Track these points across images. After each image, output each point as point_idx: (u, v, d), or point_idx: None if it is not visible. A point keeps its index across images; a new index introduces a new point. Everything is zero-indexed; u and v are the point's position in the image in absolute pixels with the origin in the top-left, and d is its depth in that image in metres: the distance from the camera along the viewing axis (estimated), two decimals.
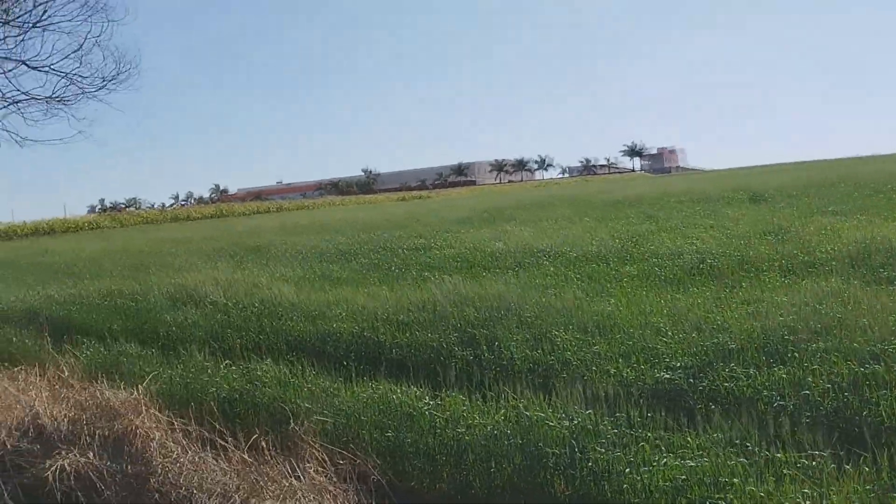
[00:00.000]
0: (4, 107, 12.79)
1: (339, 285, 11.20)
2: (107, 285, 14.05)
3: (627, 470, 4.35)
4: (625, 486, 4.28)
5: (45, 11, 11.70)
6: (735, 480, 4.05)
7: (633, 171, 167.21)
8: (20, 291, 14.87)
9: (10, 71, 12.39)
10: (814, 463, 4.17)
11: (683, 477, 4.18)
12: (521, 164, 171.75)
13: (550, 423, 5.00)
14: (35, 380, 7.87)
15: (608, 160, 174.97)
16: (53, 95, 12.61)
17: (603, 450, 4.58)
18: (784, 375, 5.40)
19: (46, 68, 12.16)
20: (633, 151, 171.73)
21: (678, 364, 5.97)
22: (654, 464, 4.35)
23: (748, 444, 4.45)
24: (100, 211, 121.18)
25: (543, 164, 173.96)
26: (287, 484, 4.52)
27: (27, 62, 12.15)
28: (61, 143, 13.65)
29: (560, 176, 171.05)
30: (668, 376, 5.80)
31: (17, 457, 5.95)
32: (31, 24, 11.81)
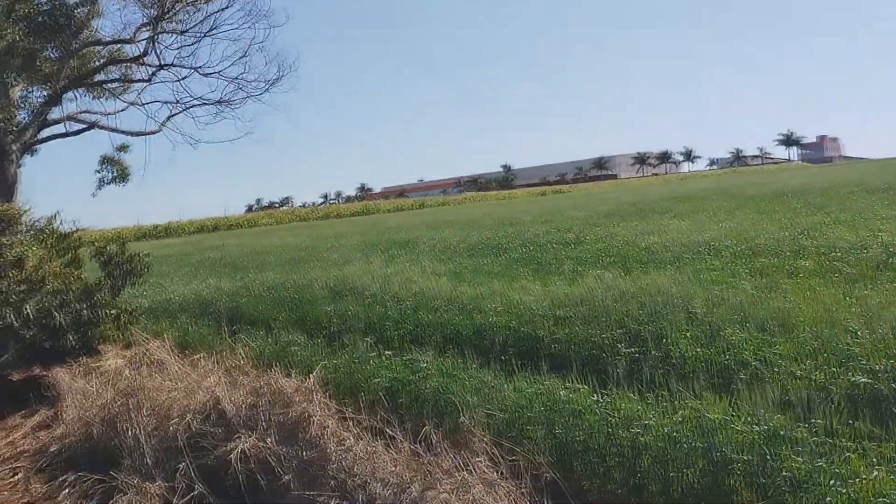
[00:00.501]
0: (179, 111, 13.74)
1: (491, 279, 11.14)
2: (270, 278, 14.82)
3: (832, 482, 3.95)
4: (828, 499, 3.89)
5: (215, 20, 12.48)
6: None
7: (789, 161, 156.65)
8: (193, 284, 16.01)
9: (183, 78, 13.31)
10: None
11: None
12: (664, 157, 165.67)
13: (736, 428, 4.64)
14: (213, 366, 8.40)
15: (761, 150, 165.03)
16: (222, 99, 13.41)
17: (801, 459, 4.18)
18: None
19: (216, 74, 12.97)
20: (789, 141, 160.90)
21: (878, 367, 5.39)
22: (865, 476, 3.92)
23: None
24: (256, 209, 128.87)
25: (689, 156, 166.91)
26: (460, 477, 4.47)
27: (199, 69, 13.00)
28: (230, 143, 14.48)
29: (708, 168, 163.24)
30: (865, 380, 5.25)
31: (201, 439, 6.33)
32: (202, 34, 12.64)
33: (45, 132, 12.31)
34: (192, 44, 12.43)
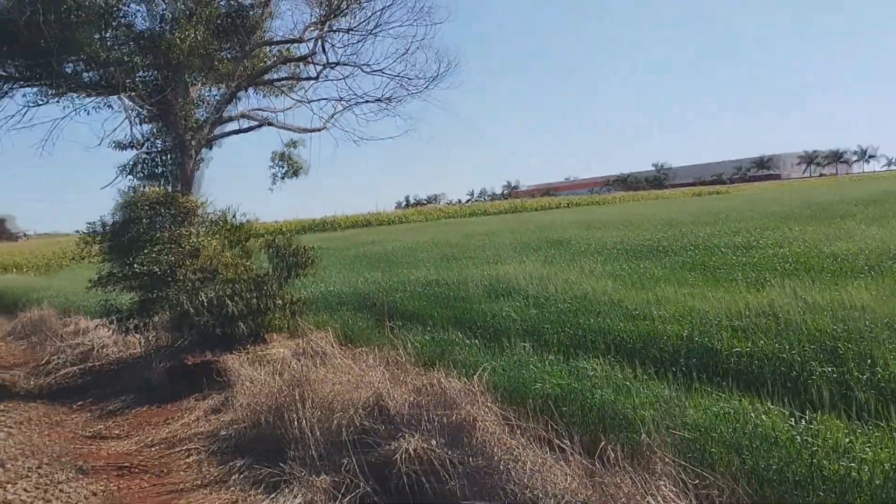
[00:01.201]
0: (343, 109, 14.07)
1: (656, 284, 10.50)
2: (424, 275, 14.89)
3: None
4: None
5: (380, 17, 12.65)
6: None
7: None
8: (351, 277, 16.42)
9: (347, 76, 13.61)
10: None
11: None
12: (835, 156, 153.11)
13: None
14: (374, 361, 8.43)
15: None
16: (384, 97, 13.58)
17: None
18: None
19: (380, 72, 13.14)
20: None
21: None
22: None
23: None
24: (405, 206, 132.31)
25: (864, 155, 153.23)
26: (644, 502, 4.07)
27: (363, 67, 13.24)
28: (386, 140, 14.69)
29: (886, 168, 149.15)
30: None
31: (364, 435, 6.30)
32: (368, 32, 12.84)
33: (222, 129, 12.97)
34: (358, 42, 12.67)
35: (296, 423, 6.90)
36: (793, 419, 5.12)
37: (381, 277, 16.01)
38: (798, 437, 4.81)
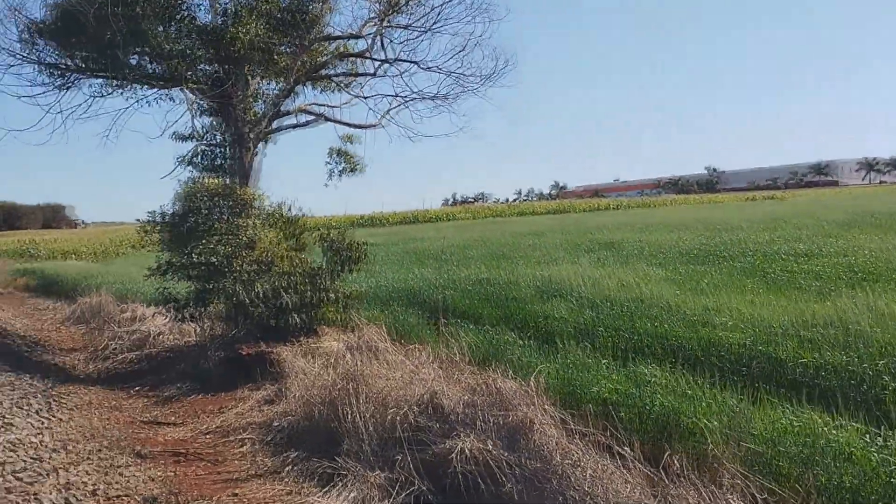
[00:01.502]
0: (399, 105, 14.08)
1: (716, 290, 10.24)
2: (474, 272, 14.83)
3: None
4: None
5: (438, 13, 12.60)
6: None
7: None
8: (400, 273, 16.44)
9: (404, 73, 13.60)
10: None
11: None
12: None
13: None
14: (426, 358, 8.40)
15: None
16: (439, 94, 13.53)
17: None
18: None
19: (436, 68, 13.10)
20: None
21: None
22: None
23: None
24: (452, 204, 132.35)
25: None
26: None
27: (419, 63, 13.21)
28: (446, 137, 14.64)
29: None
30: None
31: (418, 432, 6.27)
32: (426, 29, 12.81)
33: (280, 123, 13.10)
34: (416, 38, 12.64)
35: (350, 416, 6.89)
36: (867, 435, 4.91)
37: (431, 274, 16.00)
38: (875, 454, 4.61)
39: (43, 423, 7.32)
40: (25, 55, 11.82)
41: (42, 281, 27.49)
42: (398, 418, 6.49)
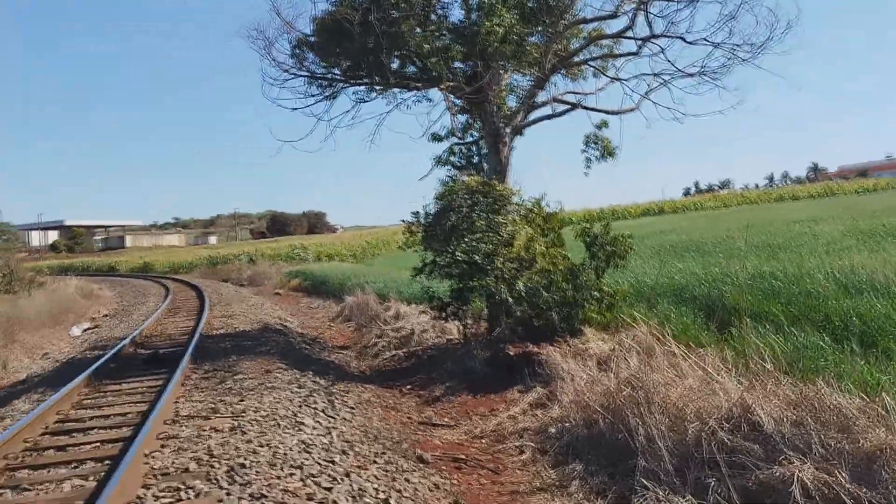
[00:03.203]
0: (658, 85, 13.02)
1: None
2: (749, 265, 13.30)
3: None
4: None
5: None
6: None
7: None
8: (658, 268, 15.27)
9: (663, 50, 12.49)
10: None
11: None
12: None
13: None
14: (717, 364, 7.40)
15: None
16: (705, 69, 12.25)
17: None
18: None
19: (702, 41, 11.84)
20: None
21: None
22: None
23: None
24: (694, 193, 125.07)
25: None
26: None
27: (683, 37, 12.04)
28: (721, 115, 13.31)
29: None
30: None
31: (730, 453, 5.37)
32: None
33: (533, 115, 12.70)
34: (677, 10, 11.50)
35: (640, 429, 6.18)
36: None
37: (696, 268, 14.68)
38: None
39: (329, 422, 7.48)
40: (297, 69, 12.60)
41: (311, 282, 29.98)
42: (703, 435, 5.64)
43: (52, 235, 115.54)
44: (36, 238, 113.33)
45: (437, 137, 13.31)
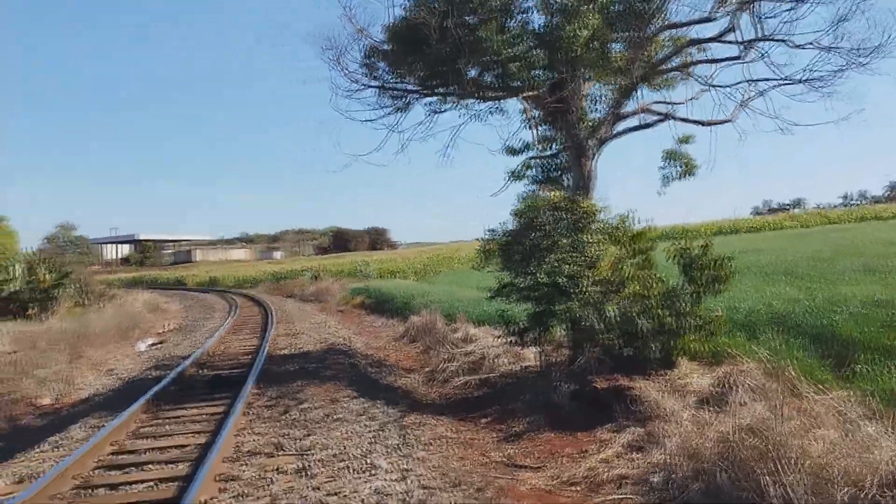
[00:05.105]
0: (755, 94, 11.98)
1: None
2: (858, 291, 12.07)
3: None
4: None
5: None
6: None
7: None
8: (762, 292, 14.07)
9: (764, 55, 11.44)
10: None
11: None
12: None
13: None
14: (858, 410, 6.36)
15: None
16: (812, 77, 11.14)
17: None
18: None
19: (810, 45, 10.77)
20: None
21: None
22: None
23: None
24: (767, 212, 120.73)
25: None
26: None
27: (786, 41, 10.98)
28: (833, 125, 12.18)
29: None
30: None
31: None
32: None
33: (619, 126, 11.80)
34: (788, 10, 10.45)
35: (771, 489, 5.22)
36: None
37: (793, 292, 13.48)
38: None
39: (404, 462, 6.73)
40: (368, 80, 12.03)
41: (375, 299, 29.46)
42: (857, 501, 4.66)
43: (125, 249, 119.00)
44: (110, 251, 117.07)
45: (512, 151, 12.54)
